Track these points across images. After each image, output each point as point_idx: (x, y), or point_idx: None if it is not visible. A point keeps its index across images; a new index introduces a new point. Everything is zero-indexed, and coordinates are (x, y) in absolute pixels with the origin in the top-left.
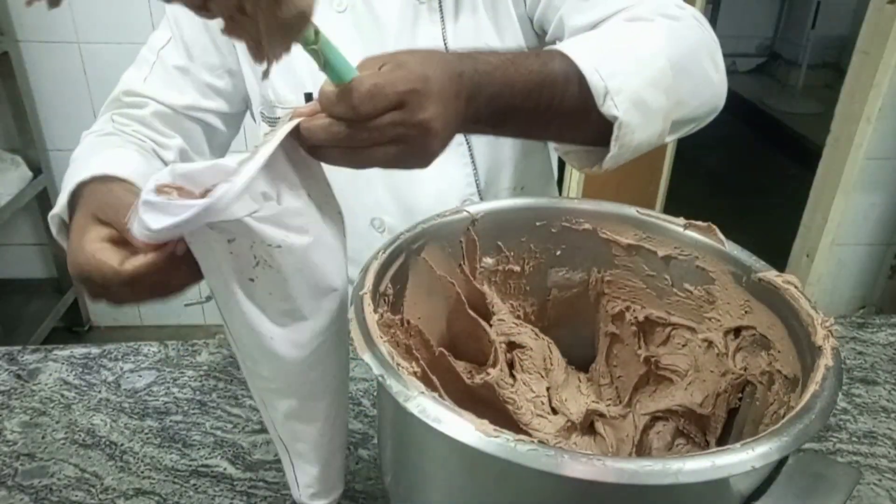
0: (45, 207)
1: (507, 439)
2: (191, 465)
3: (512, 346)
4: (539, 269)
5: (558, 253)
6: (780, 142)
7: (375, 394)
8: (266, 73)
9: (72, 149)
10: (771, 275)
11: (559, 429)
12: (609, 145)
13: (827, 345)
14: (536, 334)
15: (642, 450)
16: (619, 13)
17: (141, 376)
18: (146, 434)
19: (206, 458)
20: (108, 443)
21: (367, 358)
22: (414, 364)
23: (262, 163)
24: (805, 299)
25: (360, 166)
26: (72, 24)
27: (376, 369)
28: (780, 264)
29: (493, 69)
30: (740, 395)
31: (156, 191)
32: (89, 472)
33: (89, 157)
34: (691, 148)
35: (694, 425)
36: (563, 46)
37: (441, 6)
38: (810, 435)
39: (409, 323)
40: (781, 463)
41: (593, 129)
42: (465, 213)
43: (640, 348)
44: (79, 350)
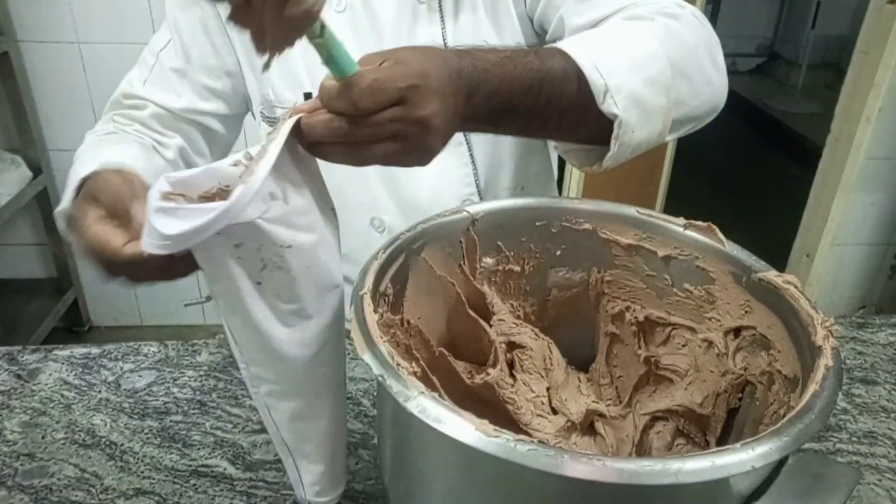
0: (45, 207)
1: (507, 439)
2: (191, 465)
3: (512, 346)
4: (539, 269)
5: (558, 253)
6: (780, 142)
7: (375, 394)
8: (267, 65)
9: (72, 149)
10: (771, 275)
11: (559, 429)
12: (609, 144)
13: (827, 345)
14: (536, 334)
15: (642, 450)
16: (619, 12)
17: (141, 376)
18: (146, 434)
19: (206, 458)
20: (108, 443)
21: (367, 358)
22: (414, 364)
23: (272, 163)
24: (805, 299)
25: (360, 163)
26: (72, 24)
27: (376, 369)
28: (780, 264)
29: (492, 66)
30: (740, 395)
31: (162, 198)
32: (89, 472)
33: (91, 154)
34: (691, 148)
35: (694, 425)
36: (563, 44)
37: (441, 6)
38: (810, 435)
39: (409, 323)
40: (781, 463)
41: (593, 128)
42: (465, 213)
43: (640, 348)
44: (79, 350)
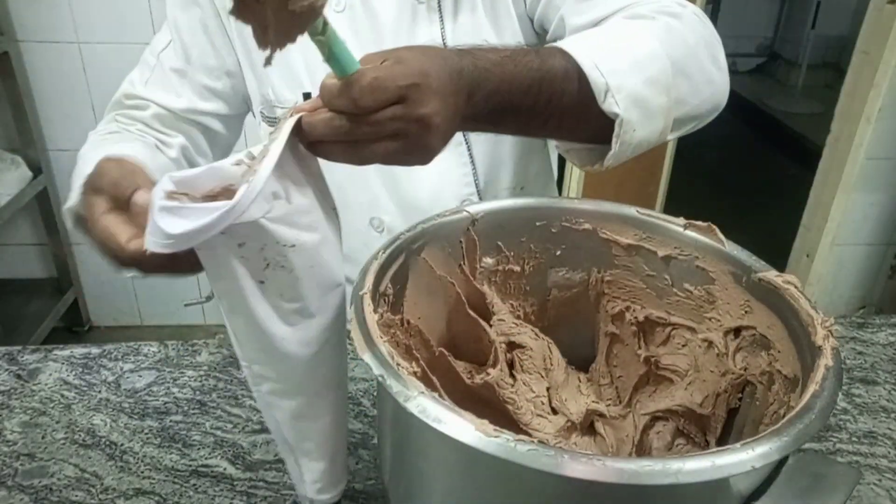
0: (45, 207)
1: (507, 439)
2: (191, 465)
3: (512, 346)
4: (539, 269)
5: (558, 253)
6: (780, 142)
7: (375, 394)
8: (268, 61)
9: (72, 149)
10: (771, 275)
11: (559, 429)
12: (609, 143)
13: (827, 345)
14: (536, 334)
15: (642, 450)
16: (619, 11)
17: (141, 376)
18: (146, 434)
19: (206, 458)
20: (108, 443)
21: (367, 358)
22: (414, 364)
23: (275, 161)
24: (805, 299)
25: (360, 162)
26: (72, 24)
27: (376, 369)
28: (780, 264)
29: (492, 66)
30: (740, 395)
31: (166, 197)
32: (89, 472)
33: (95, 153)
34: (691, 148)
35: (694, 425)
36: (564, 43)
37: (440, 6)
38: (810, 435)
39: (409, 323)
40: (781, 463)
41: (594, 127)
42: (465, 213)
43: (640, 348)
44: (79, 350)
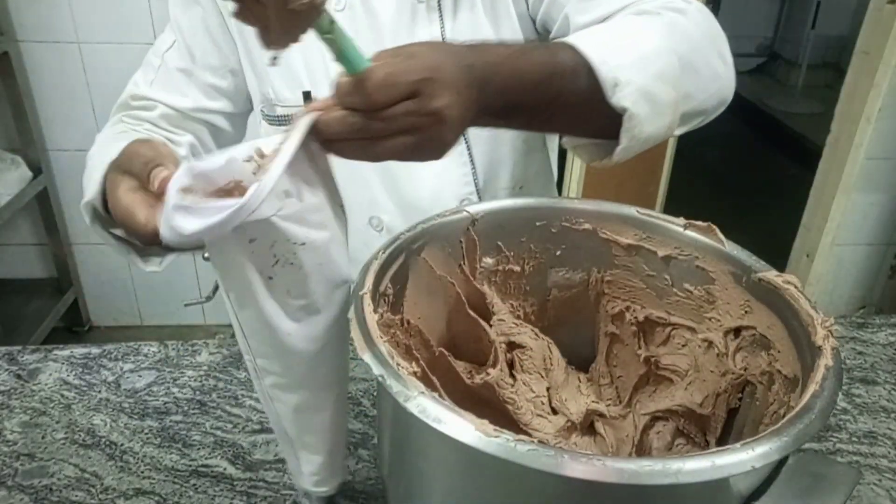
0: (45, 207)
1: (507, 439)
2: (191, 465)
3: (512, 346)
4: (539, 269)
5: (558, 253)
6: (780, 142)
7: (375, 394)
8: (274, 60)
9: (72, 149)
10: (771, 275)
11: (559, 429)
12: (617, 138)
13: (827, 345)
14: (536, 334)
15: (642, 450)
16: (624, 8)
17: (141, 376)
18: (146, 434)
19: (206, 458)
20: (108, 443)
21: (367, 358)
22: (414, 364)
23: (287, 160)
24: (805, 299)
25: (375, 158)
26: (72, 24)
27: (376, 369)
28: (780, 264)
29: (502, 60)
30: (740, 395)
31: (180, 192)
32: (89, 472)
33: (107, 149)
34: (691, 147)
35: (694, 425)
36: (571, 39)
37: (440, 5)
38: (810, 435)
39: (409, 323)
40: (781, 463)
41: (601, 122)
42: (465, 213)
43: (640, 348)
44: (79, 350)
